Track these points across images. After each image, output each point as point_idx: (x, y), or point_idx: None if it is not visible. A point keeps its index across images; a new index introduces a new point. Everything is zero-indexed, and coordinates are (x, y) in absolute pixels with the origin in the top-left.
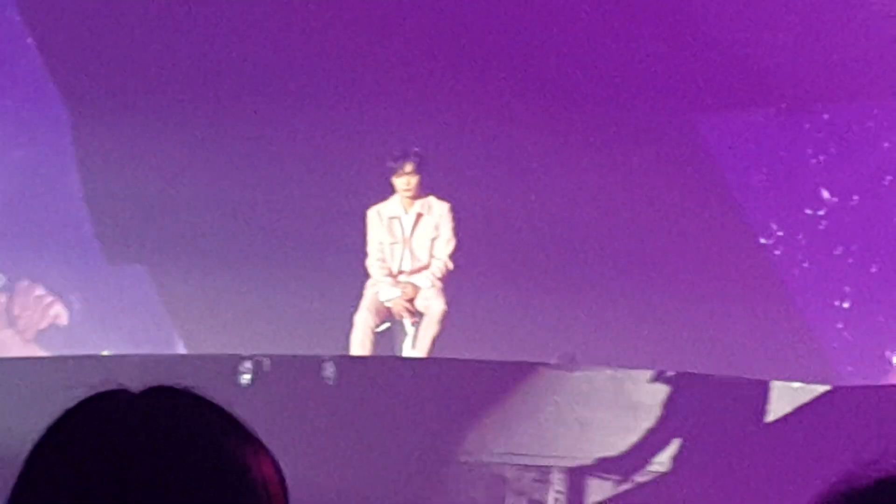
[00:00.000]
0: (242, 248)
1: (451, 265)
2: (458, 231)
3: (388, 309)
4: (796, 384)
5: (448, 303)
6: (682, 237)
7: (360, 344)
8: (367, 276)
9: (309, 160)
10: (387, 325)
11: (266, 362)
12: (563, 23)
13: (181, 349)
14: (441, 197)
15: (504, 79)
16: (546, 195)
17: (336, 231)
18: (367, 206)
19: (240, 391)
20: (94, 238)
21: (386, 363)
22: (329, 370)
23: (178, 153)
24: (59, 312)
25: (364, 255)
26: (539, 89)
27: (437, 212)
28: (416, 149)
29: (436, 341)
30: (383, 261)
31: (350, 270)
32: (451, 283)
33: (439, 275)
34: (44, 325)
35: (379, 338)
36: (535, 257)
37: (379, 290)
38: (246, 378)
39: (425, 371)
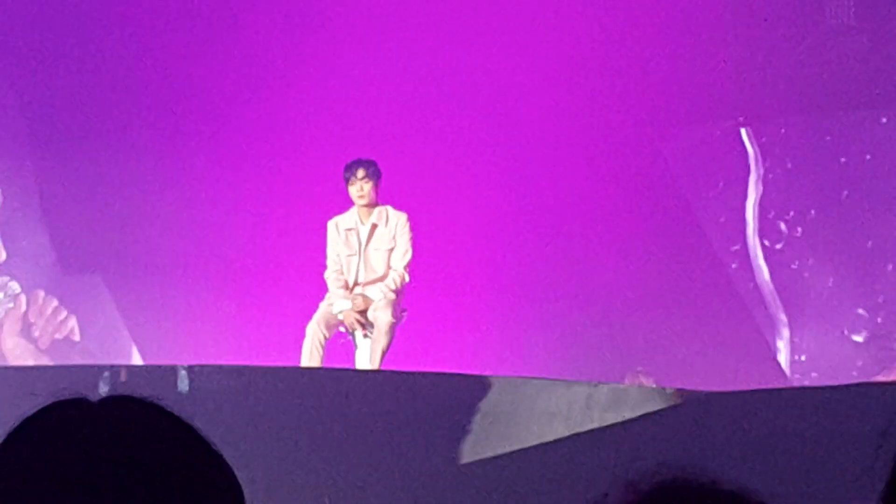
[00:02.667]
0: (200, 259)
1: (407, 277)
2: (416, 242)
3: (341, 321)
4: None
5: (405, 314)
6: (643, 251)
7: (308, 355)
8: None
9: (269, 171)
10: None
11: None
12: (531, 38)
13: (137, 360)
14: (399, 207)
15: (475, 88)
16: (507, 207)
17: (297, 242)
18: (328, 217)
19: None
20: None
21: (332, 375)
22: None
23: (133, 168)
24: (73, 327)
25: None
26: (506, 103)
27: (394, 222)
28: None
29: (385, 353)
30: (340, 272)
31: (313, 282)
32: (410, 294)
33: (393, 286)
34: (59, 336)
35: (331, 349)
36: (498, 268)
37: (333, 303)
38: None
39: (373, 383)
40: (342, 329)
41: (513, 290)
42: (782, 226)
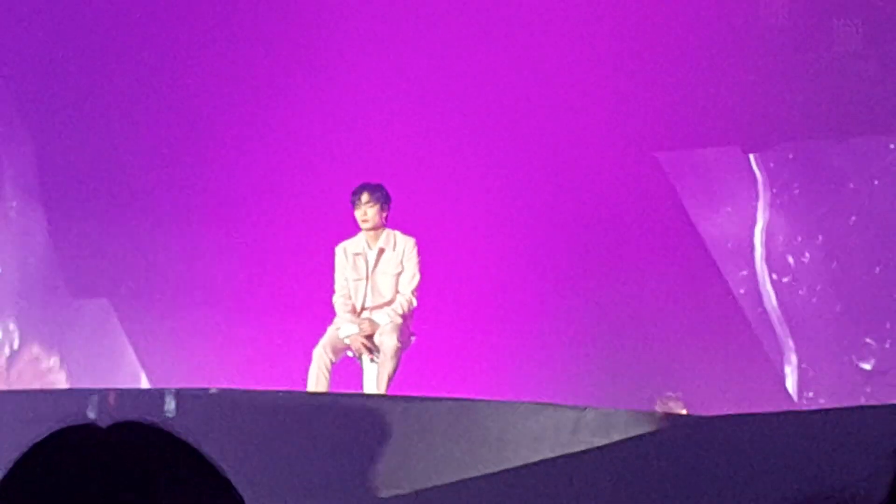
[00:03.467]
0: (207, 284)
1: (414, 301)
2: (424, 266)
3: (347, 346)
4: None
5: (413, 338)
6: (650, 277)
7: (315, 379)
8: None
9: (278, 196)
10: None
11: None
12: (542, 63)
13: (145, 384)
14: (408, 232)
15: (487, 112)
16: (519, 232)
17: (305, 266)
18: (337, 242)
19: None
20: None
21: (338, 400)
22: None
23: (142, 192)
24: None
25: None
26: (517, 129)
27: (402, 247)
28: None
29: (392, 377)
30: (348, 297)
31: (321, 306)
32: (419, 318)
33: (400, 311)
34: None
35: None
36: (510, 293)
37: (340, 327)
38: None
39: (379, 408)
40: (350, 353)
41: (525, 316)
42: (790, 252)
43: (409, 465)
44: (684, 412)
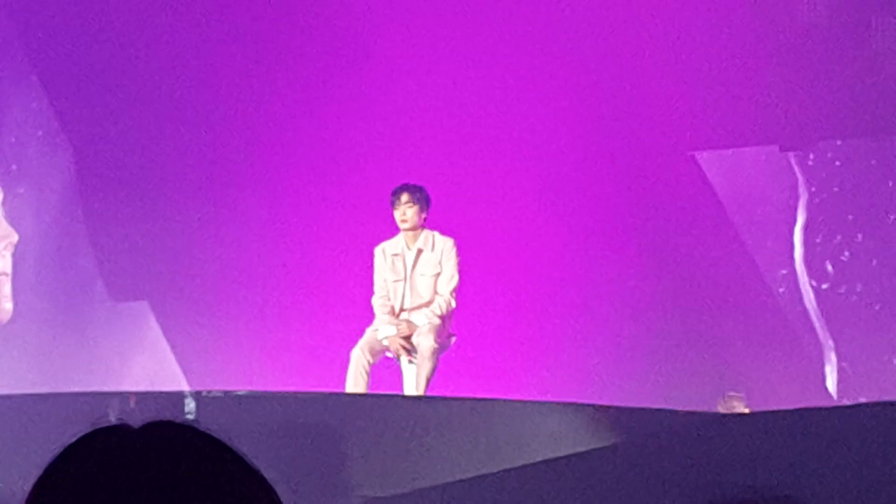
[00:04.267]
0: (246, 285)
1: (453, 302)
2: (462, 267)
3: (385, 347)
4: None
5: (453, 339)
6: (689, 278)
7: (353, 381)
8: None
9: (316, 197)
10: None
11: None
12: (572, 57)
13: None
14: (446, 233)
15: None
16: (560, 233)
17: (345, 267)
18: (377, 242)
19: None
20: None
21: (376, 401)
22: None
23: (180, 194)
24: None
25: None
26: (554, 133)
27: (440, 247)
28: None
29: (430, 378)
30: (387, 298)
31: (360, 307)
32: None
33: (439, 312)
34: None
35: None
36: (542, 292)
37: (378, 328)
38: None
39: (417, 409)
40: (389, 354)
41: (567, 318)
42: (829, 251)
43: (447, 464)
44: (747, 411)
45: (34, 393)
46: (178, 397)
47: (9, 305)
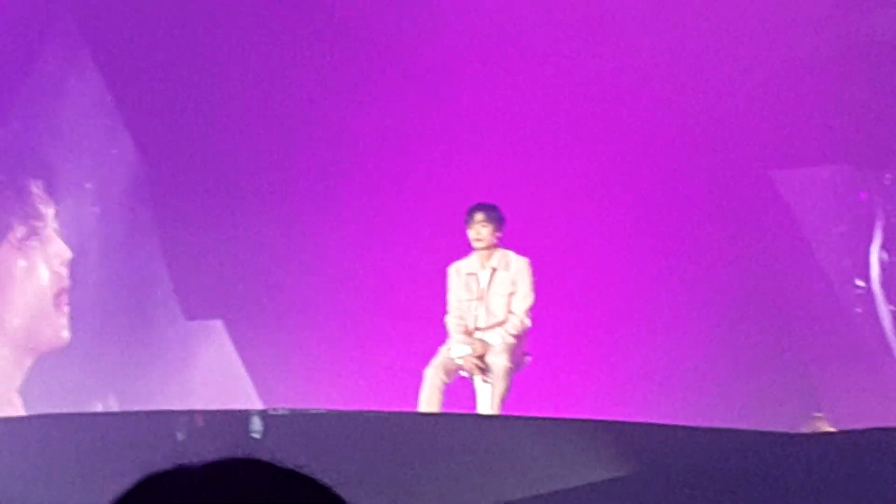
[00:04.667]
0: (320, 304)
1: (528, 322)
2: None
3: (459, 366)
4: None
5: (528, 358)
6: (766, 297)
7: (427, 400)
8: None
9: (392, 215)
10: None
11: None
12: (649, 75)
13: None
14: (521, 252)
15: (597, 133)
16: (629, 248)
17: (419, 286)
18: (451, 262)
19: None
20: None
21: (450, 420)
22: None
23: (255, 213)
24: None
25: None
26: (627, 148)
27: (515, 267)
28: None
29: (504, 398)
30: (461, 318)
31: (436, 326)
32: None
33: (513, 331)
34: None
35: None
36: (620, 312)
37: (451, 347)
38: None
39: (491, 429)
40: (463, 374)
41: (644, 337)
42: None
43: (520, 483)
44: (833, 430)
45: (100, 412)
46: (245, 416)
47: (66, 334)
